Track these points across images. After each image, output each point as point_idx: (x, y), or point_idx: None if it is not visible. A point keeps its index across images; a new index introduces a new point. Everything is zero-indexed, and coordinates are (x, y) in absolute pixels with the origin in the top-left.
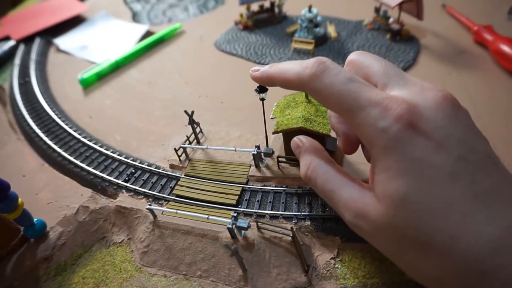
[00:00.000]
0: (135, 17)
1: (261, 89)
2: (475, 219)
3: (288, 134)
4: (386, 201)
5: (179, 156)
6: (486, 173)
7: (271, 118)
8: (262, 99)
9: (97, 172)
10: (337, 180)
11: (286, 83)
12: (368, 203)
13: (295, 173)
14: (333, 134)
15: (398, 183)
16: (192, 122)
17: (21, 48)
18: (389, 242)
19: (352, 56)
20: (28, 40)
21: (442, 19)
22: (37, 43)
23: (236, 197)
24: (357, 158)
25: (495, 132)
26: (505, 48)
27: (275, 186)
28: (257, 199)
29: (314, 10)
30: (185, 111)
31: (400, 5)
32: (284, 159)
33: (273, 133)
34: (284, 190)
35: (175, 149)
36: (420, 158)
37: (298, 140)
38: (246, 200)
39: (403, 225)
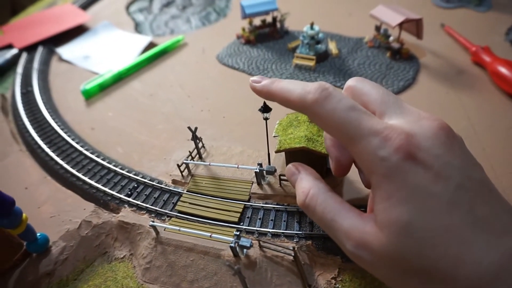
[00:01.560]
0: (137, 28)
1: (265, 109)
2: (476, 245)
3: (291, 153)
4: (389, 230)
5: (181, 172)
6: (483, 200)
7: (274, 136)
8: (266, 119)
9: (99, 186)
10: (337, 209)
11: (287, 103)
12: (370, 232)
13: None
14: None
15: (400, 211)
16: (195, 138)
17: (24, 56)
18: (392, 271)
19: (351, 82)
20: (30, 49)
21: (441, 38)
22: (39, 52)
23: (238, 215)
24: (359, 177)
25: (493, 153)
26: (502, 70)
27: (277, 204)
28: (259, 217)
29: (316, 27)
30: (189, 128)
31: (400, 24)
32: (286, 177)
33: (276, 152)
34: (285, 208)
35: (178, 164)
36: (420, 186)
37: (294, 167)
38: (248, 217)
39: (406, 253)
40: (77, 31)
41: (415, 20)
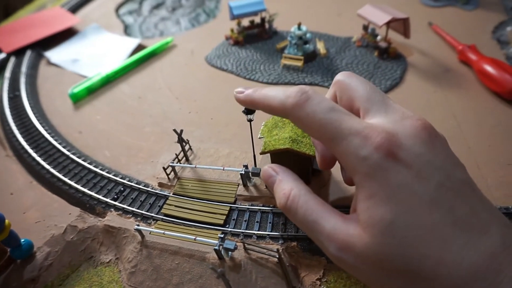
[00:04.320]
0: (127, 30)
1: (248, 111)
2: (456, 245)
3: (276, 155)
4: (372, 229)
5: (167, 175)
6: (463, 200)
7: (259, 138)
8: (250, 120)
9: (85, 190)
10: (319, 211)
11: (269, 109)
12: (353, 234)
13: None
14: None
15: (383, 210)
16: (181, 140)
17: (12, 60)
18: (376, 273)
19: (339, 77)
20: (19, 53)
21: (429, 37)
22: (28, 55)
23: (224, 217)
24: None
25: (478, 151)
26: (488, 68)
27: (263, 206)
28: (244, 219)
29: (304, 27)
30: (174, 130)
31: (387, 24)
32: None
33: (261, 153)
34: (271, 210)
35: (163, 167)
36: (402, 185)
37: (271, 168)
38: (233, 219)
39: (390, 253)
40: (66, 35)
41: (401, 19)
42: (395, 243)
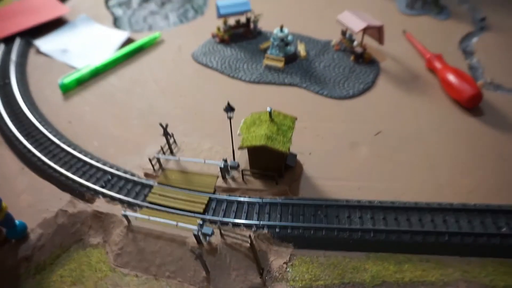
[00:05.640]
0: (116, 22)
1: (229, 108)
2: None
3: (252, 150)
4: None
5: (153, 166)
6: None
7: (238, 135)
8: (230, 118)
9: (75, 177)
10: None
11: None
12: None
13: (257, 186)
14: (292, 150)
15: None
16: (166, 134)
17: (1, 48)
18: None
19: None
20: (8, 40)
21: (402, 44)
22: (17, 43)
23: (203, 206)
24: (316, 173)
25: (434, 153)
26: (450, 77)
27: (239, 197)
28: (222, 208)
29: (285, 30)
30: (160, 124)
31: (363, 30)
32: (248, 173)
33: (239, 148)
34: (246, 201)
35: (149, 159)
36: None
37: None
38: (212, 208)
39: None
40: (55, 24)
41: (376, 27)
42: None
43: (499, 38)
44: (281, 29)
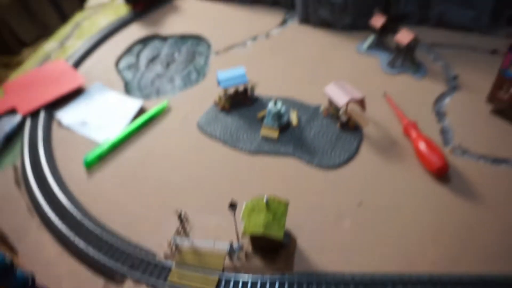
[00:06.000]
0: (127, 87)
1: (233, 206)
2: None
3: (253, 237)
4: None
5: (171, 248)
6: None
7: (241, 220)
8: (234, 212)
9: (105, 259)
10: None
11: None
12: None
13: (258, 264)
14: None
15: None
16: (181, 220)
17: (28, 123)
18: None
19: None
20: (33, 114)
21: (383, 107)
22: (42, 117)
23: (215, 283)
24: (309, 247)
25: (414, 235)
26: (421, 147)
27: (243, 274)
28: (230, 286)
29: (279, 104)
30: (177, 214)
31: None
32: (250, 252)
33: (242, 234)
34: (250, 280)
35: (168, 241)
36: None
37: None
38: (222, 286)
39: None
40: (73, 93)
41: (358, 99)
42: None
43: (469, 98)
44: (275, 103)
